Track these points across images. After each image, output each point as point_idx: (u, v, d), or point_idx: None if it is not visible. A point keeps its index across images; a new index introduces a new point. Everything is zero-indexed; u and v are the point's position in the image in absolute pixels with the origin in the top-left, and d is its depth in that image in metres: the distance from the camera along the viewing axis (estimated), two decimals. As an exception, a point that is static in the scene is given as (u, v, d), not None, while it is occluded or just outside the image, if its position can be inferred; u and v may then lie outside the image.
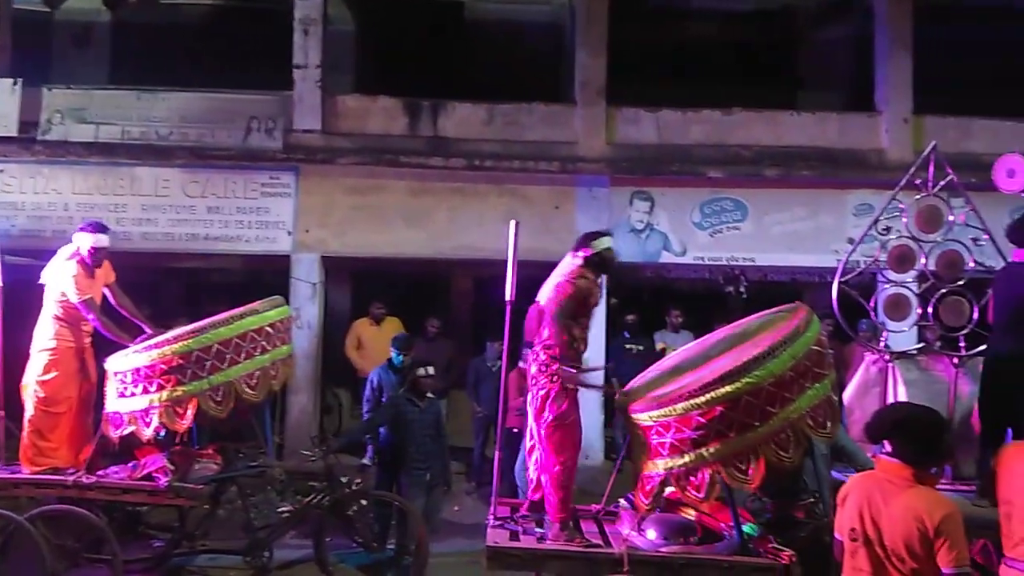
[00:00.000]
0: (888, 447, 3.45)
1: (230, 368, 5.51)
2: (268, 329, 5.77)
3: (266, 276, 10.08)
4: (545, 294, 4.87)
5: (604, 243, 4.91)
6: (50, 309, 5.93)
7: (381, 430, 6.91)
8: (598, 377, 6.04)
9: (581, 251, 4.86)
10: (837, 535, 3.61)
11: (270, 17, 10.92)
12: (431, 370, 6.72)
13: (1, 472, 5.88)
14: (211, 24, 11.80)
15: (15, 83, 9.66)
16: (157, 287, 11.17)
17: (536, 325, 4.93)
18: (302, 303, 9.82)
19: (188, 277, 11.63)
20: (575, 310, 4.74)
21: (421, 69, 10.85)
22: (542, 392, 4.73)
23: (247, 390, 5.62)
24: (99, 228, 6.02)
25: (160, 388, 5.47)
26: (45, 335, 5.91)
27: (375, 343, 9.30)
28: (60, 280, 5.89)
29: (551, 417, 4.68)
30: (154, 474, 5.63)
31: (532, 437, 4.94)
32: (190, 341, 5.47)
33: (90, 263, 5.93)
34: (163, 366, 5.45)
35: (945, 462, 3.61)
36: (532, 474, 5.02)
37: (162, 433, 5.62)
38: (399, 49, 11.28)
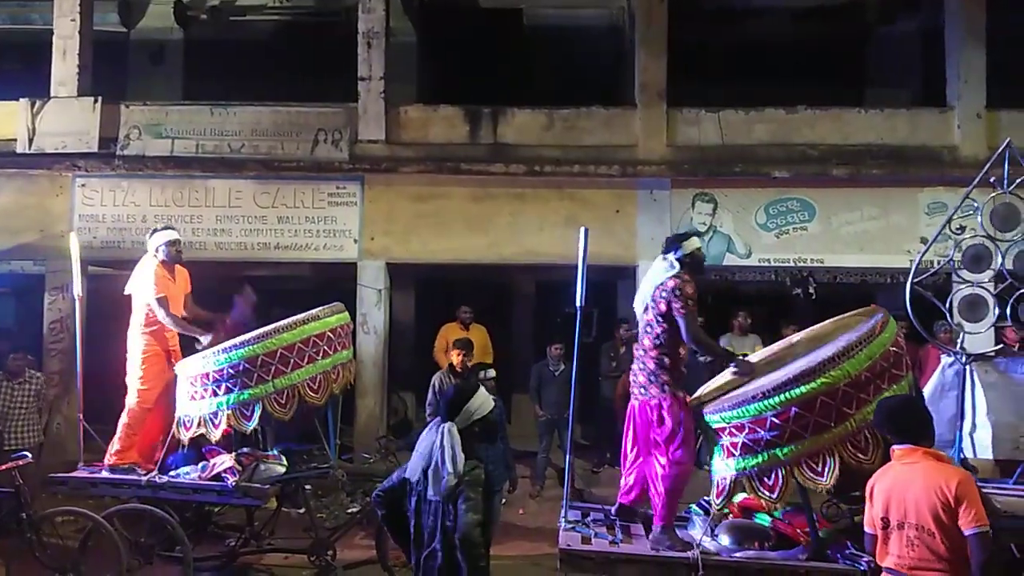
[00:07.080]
0: (892, 437, 3.62)
1: (293, 372, 5.68)
2: (329, 334, 5.93)
3: (335, 283, 10.29)
4: (645, 299, 4.85)
5: (694, 243, 4.93)
6: (137, 318, 6.20)
7: None
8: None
9: (672, 253, 4.86)
10: (868, 529, 3.65)
11: (335, 31, 11.21)
12: (492, 373, 6.70)
13: (81, 472, 6.16)
14: (279, 39, 12.14)
15: (95, 101, 10.13)
16: (232, 295, 11.50)
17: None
18: (368, 309, 10.03)
19: (260, 285, 11.91)
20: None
21: (481, 77, 10.93)
22: (654, 402, 4.72)
23: (310, 393, 5.78)
24: (166, 227, 6.46)
25: (228, 391, 5.66)
26: (136, 345, 6.19)
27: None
28: (143, 283, 6.15)
29: (671, 426, 4.64)
30: (223, 474, 5.80)
31: (635, 444, 4.90)
32: (256, 346, 5.64)
33: (169, 261, 6.21)
34: (231, 370, 5.64)
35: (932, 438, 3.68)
36: (627, 479, 5.01)
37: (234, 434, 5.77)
38: (459, 58, 11.42)
